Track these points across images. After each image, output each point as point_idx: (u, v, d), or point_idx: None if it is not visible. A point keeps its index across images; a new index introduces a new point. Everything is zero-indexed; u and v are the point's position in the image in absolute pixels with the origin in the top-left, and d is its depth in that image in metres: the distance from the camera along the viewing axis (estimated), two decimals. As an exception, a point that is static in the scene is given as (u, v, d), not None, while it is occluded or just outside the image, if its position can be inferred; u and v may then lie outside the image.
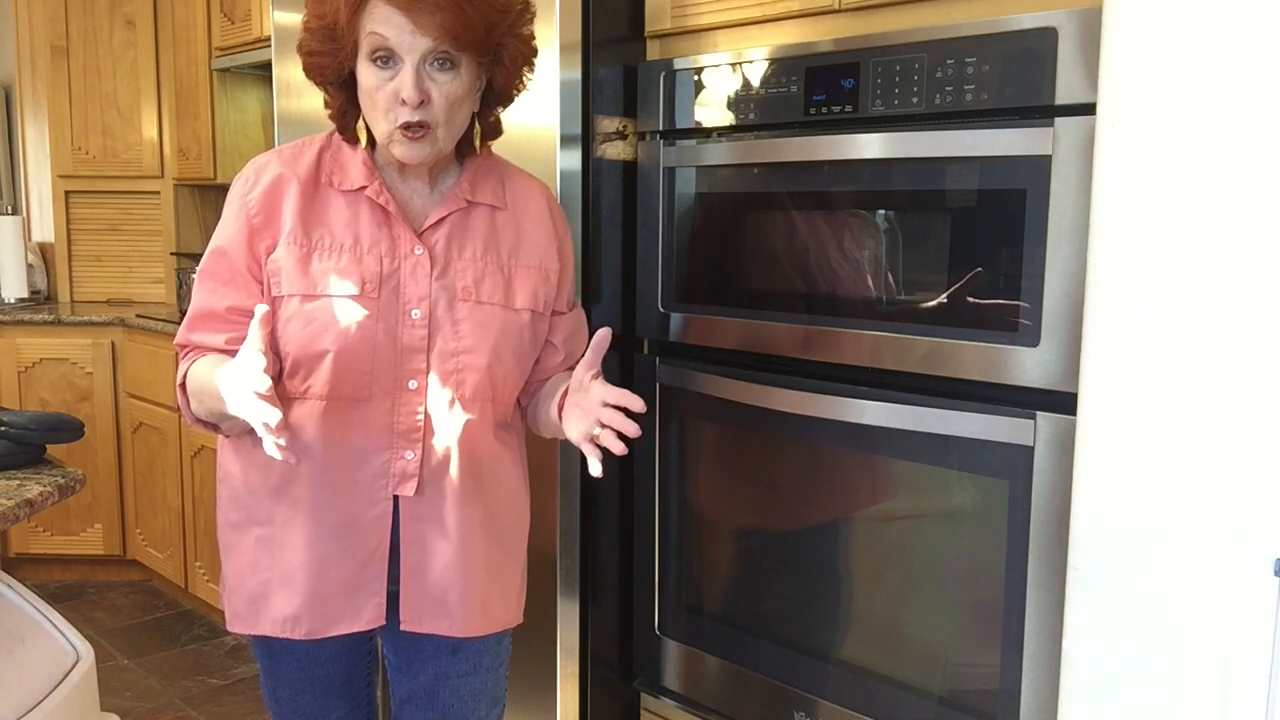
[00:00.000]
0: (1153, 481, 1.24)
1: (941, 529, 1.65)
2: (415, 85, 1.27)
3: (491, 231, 1.43)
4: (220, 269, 1.38)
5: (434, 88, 1.29)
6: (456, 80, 1.30)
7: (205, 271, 1.40)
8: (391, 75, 1.29)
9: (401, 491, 1.38)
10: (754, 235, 1.83)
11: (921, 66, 1.56)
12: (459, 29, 1.26)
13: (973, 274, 1.55)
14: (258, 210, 1.36)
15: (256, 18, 3.25)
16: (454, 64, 1.30)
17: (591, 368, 1.32)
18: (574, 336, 1.53)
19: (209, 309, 1.38)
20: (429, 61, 1.28)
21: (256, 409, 1.16)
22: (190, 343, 1.40)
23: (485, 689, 1.54)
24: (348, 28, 1.29)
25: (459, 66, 1.30)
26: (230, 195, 1.40)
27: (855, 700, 1.75)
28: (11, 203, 4.13)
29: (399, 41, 1.27)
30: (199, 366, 1.35)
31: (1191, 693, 1.23)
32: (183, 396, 1.39)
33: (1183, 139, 1.19)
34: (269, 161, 1.40)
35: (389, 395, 1.36)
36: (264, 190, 1.37)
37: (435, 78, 1.29)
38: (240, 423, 1.30)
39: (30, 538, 3.66)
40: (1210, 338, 1.18)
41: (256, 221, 1.36)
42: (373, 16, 1.27)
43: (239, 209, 1.38)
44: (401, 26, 1.26)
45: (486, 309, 1.39)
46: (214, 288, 1.38)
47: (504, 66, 1.36)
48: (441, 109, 1.30)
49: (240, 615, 1.44)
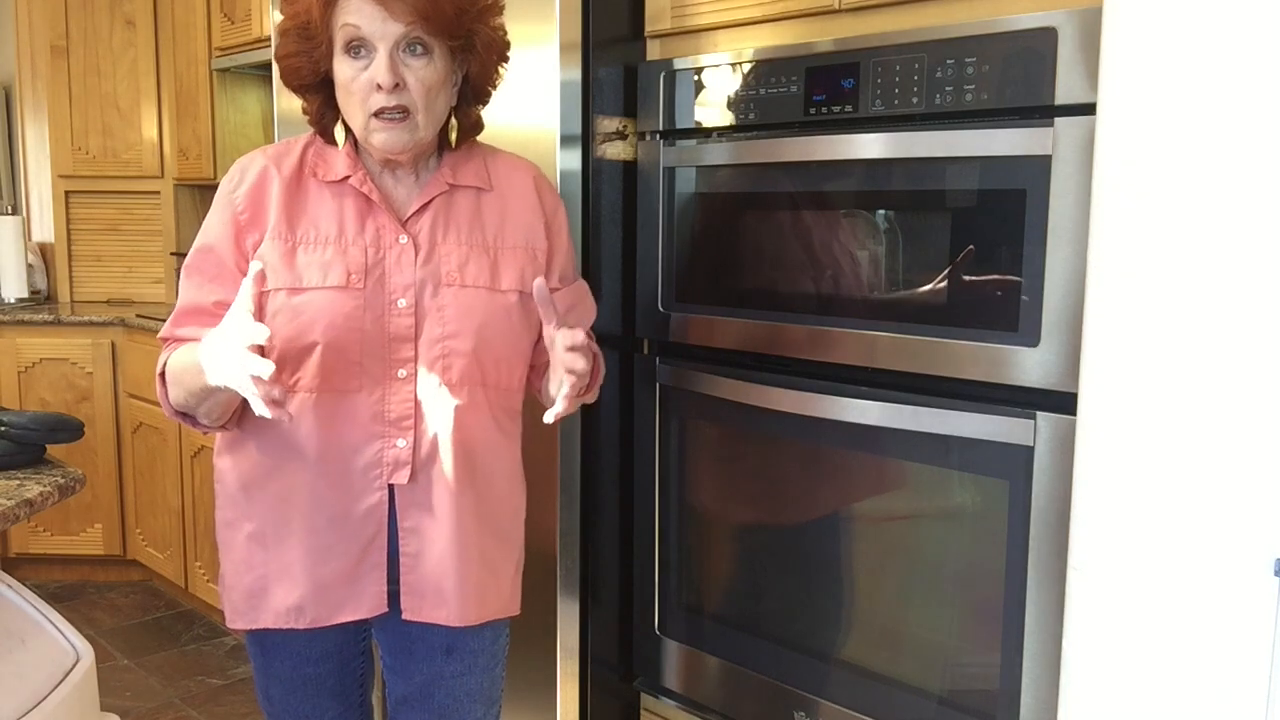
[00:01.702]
0: (1153, 481, 1.24)
1: (941, 529, 1.65)
2: (389, 70, 1.29)
3: (476, 214, 1.43)
4: (207, 264, 1.39)
5: (409, 73, 1.31)
6: (430, 66, 1.32)
7: (191, 267, 1.40)
8: (366, 65, 1.31)
9: (395, 480, 1.38)
10: (754, 235, 1.83)
11: (921, 66, 1.56)
12: (429, 12, 1.28)
13: (972, 274, 1.55)
14: (244, 207, 1.37)
15: (256, 18, 3.25)
16: (427, 49, 1.31)
17: (548, 321, 1.32)
18: (575, 310, 1.52)
19: (195, 304, 1.39)
20: (402, 48, 1.30)
21: (245, 362, 1.16)
22: (174, 336, 1.40)
23: (481, 689, 1.54)
24: (321, 23, 1.31)
25: (432, 53, 1.32)
26: (218, 194, 1.41)
27: (855, 700, 1.75)
28: (11, 203, 4.13)
29: (371, 30, 1.29)
30: (180, 351, 1.36)
31: (1192, 693, 1.23)
32: (161, 387, 1.39)
33: (1183, 139, 1.19)
34: (253, 159, 1.42)
35: (379, 385, 1.37)
36: (249, 187, 1.38)
37: (409, 64, 1.31)
38: (217, 407, 1.31)
39: (30, 538, 3.66)
40: (1210, 337, 1.18)
41: (243, 219, 1.37)
42: (345, 9, 1.29)
43: (225, 205, 1.39)
44: (373, 15, 1.28)
45: (471, 292, 1.39)
46: (201, 283, 1.39)
47: (478, 55, 1.37)
48: (418, 94, 1.32)
49: (240, 611, 1.44)
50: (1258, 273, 1.14)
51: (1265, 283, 1.14)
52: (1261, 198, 1.14)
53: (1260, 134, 1.13)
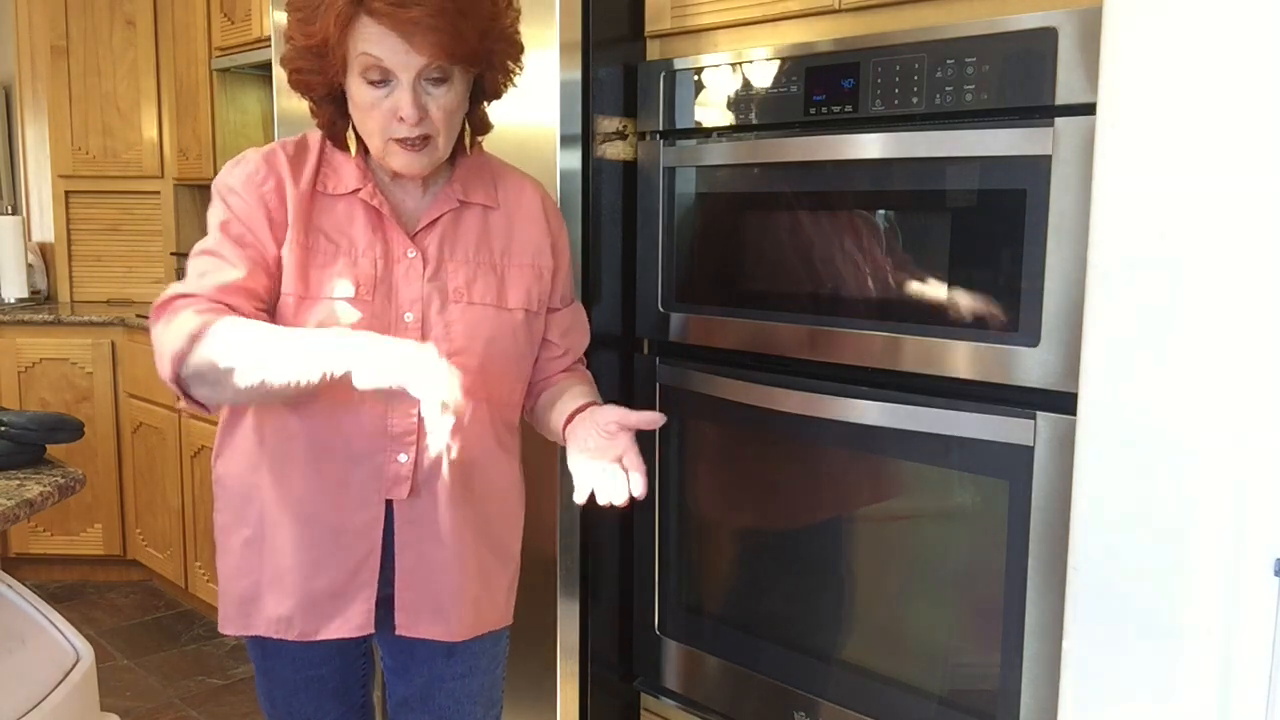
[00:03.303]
0: (1152, 481, 1.24)
1: (942, 529, 1.65)
2: (414, 105, 1.26)
3: (484, 231, 1.42)
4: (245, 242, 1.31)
5: (430, 102, 1.28)
6: (451, 92, 1.30)
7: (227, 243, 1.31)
8: (386, 94, 1.27)
9: (394, 495, 1.38)
10: (754, 235, 1.83)
11: (921, 66, 1.56)
12: (453, 45, 1.24)
13: (972, 274, 1.55)
14: (275, 204, 1.33)
15: (256, 18, 3.25)
16: (446, 76, 1.28)
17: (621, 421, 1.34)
18: (572, 331, 1.53)
19: (238, 282, 1.29)
20: (423, 78, 1.27)
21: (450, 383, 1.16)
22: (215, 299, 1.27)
23: (482, 691, 1.54)
24: (337, 46, 1.26)
25: (452, 78, 1.29)
26: (237, 182, 1.34)
27: (855, 700, 1.75)
28: (11, 203, 4.13)
29: (393, 61, 1.25)
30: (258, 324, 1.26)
31: (1192, 692, 1.22)
32: (188, 345, 1.23)
33: (1182, 139, 1.19)
34: (273, 158, 1.36)
35: (382, 399, 1.34)
36: (274, 186, 1.33)
37: (431, 93, 1.28)
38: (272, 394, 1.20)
39: (30, 538, 3.66)
40: (1210, 337, 1.18)
41: (276, 217, 1.33)
42: (364, 36, 1.24)
43: (254, 197, 1.32)
44: (395, 47, 1.24)
45: (478, 310, 1.38)
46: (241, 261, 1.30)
47: (493, 69, 1.35)
48: (440, 121, 1.30)
49: (230, 617, 1.44)
50: (1257, 273, 1.14)
51: (1265, 283, 1.14)
52: (1261, 198, 1.14)
53: (1260, 134, 1.13)
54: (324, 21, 1.24)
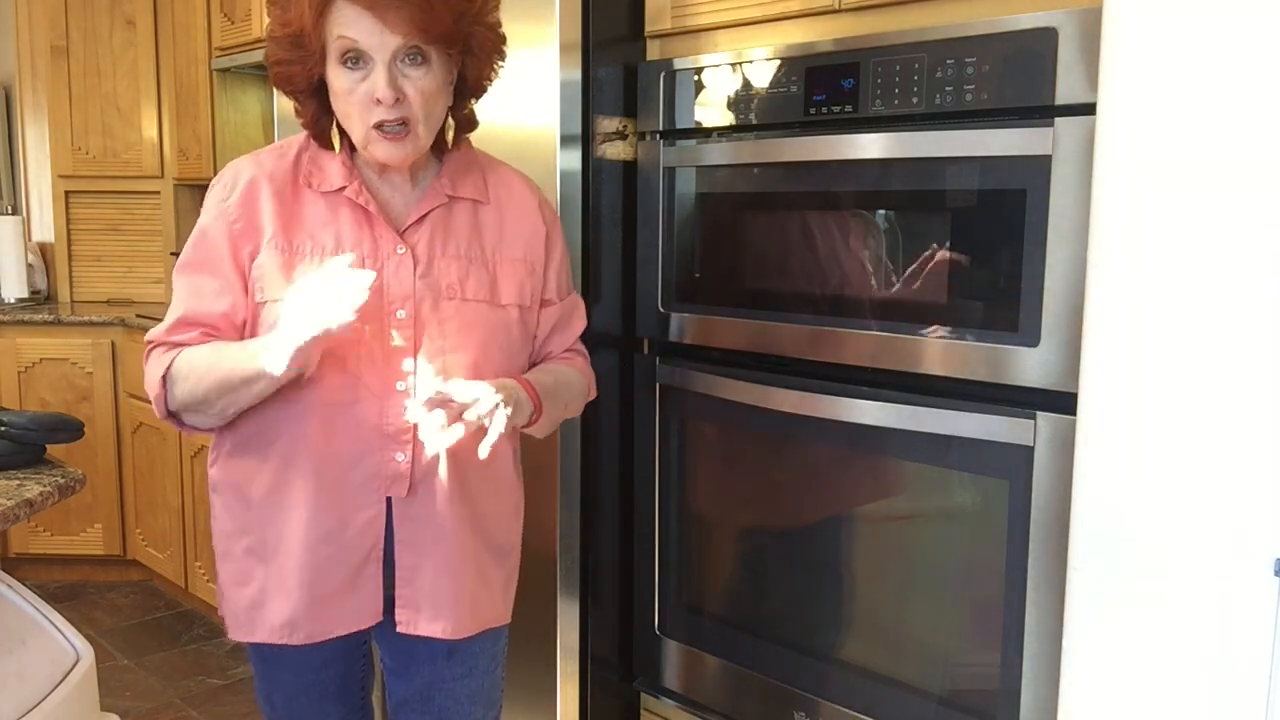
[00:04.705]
0: (1152, 481, 1.24)
1: (942, 529, 1.65)
2: (389, 84, 1.27)
3: (475, 227, 1.42)
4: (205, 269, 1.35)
5: (408, 84, 1.28)
6: (429, 75, 1.30)
7: (188, 270, 1.36)
8: (363, 76, 1.28)
9: (393, 493, 1.37)
10: (754, 235, 1.83)
11: (921, 66, 1.56)
12: (427, 22, 1.25)
13: (973, 274, 1.55)
14: (236, 216, 1.34)
15: (256, 18, 3.25)
16: (425, 59, 1.29)
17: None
18: (567, 322, 1.52)
19: (196, 313, 1.35)
20: (400, 59, 1.27)
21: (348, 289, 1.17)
22: (170, 341, 1.36)
23: (481, 691, 1.54)
24: (314, 33, 1.27)
25: (430, 61, 1.29)
26: (207, 202, 1.38)
27: (855, 700, 1.75)
28: (11, 203, 4.13)
29: (368, 42, 1.25)
30: (200, 350, 1.33)
31: (1192, 693, 1.23)
32: (161, 389, 1.36)
33: (1182, 139, 1.19)
34: (242, 168, 1.38)
35: (378, 398, 1.35)
36: (240, 196, 1.35)
37: (408, 74, 1.28)
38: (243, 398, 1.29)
39: (30, 538, 3.65)
40: (1210, 337, 1.18)
41: (237, 228, 1.34)
42: (339, 19, 1.26)
43: (218, 214, 1.35)
44: (369, 27, 1.25)
45: (472, 306, 1.38)
46: (200, 290, 1.35)
47: (474, 57, 1.35)
48: (418, 105, 1.30)
49: (240, 623, 1.43)
50: (1257, 272, 1.14)
51: (1265, 282, 1.14)
52: (1261, 197, 1.14)
53: (1260, 134, 1.13)
54: (299, 8, 1.27)
